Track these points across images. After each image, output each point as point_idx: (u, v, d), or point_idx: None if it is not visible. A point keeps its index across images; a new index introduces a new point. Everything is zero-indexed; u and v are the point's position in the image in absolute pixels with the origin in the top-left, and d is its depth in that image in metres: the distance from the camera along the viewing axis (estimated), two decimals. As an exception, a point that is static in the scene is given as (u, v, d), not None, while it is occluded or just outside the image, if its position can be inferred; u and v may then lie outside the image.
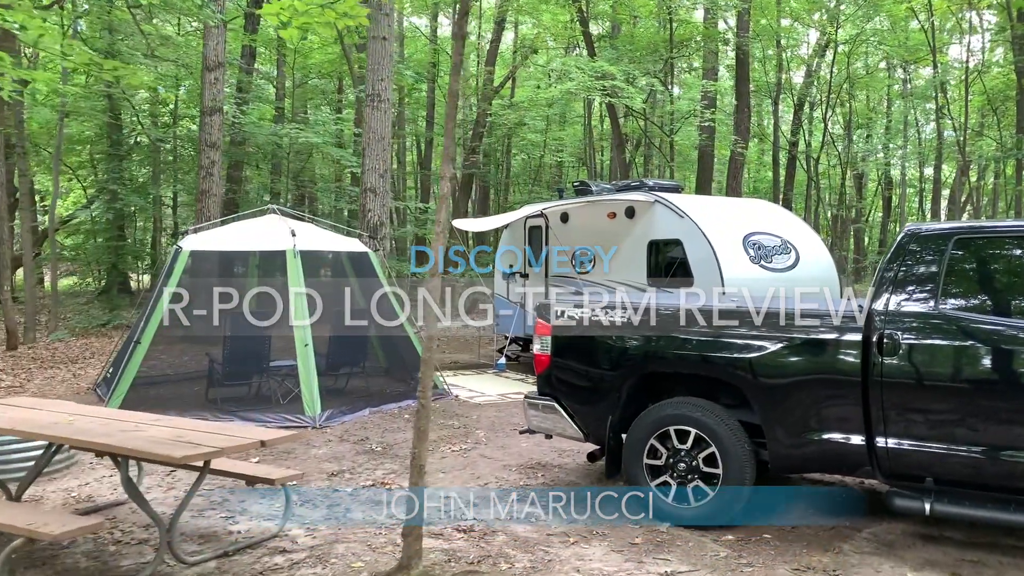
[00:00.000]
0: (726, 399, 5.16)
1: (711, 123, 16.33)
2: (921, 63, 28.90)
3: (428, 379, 3.85)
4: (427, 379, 3.85)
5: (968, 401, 4.34)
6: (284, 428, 7.87)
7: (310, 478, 6.12)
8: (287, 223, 9.00)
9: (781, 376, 4.73)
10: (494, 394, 9.94)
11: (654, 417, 5.08)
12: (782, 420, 4.75)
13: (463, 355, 13.99)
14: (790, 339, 4.73)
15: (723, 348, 4.89)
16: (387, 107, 12.64)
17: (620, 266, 10.43)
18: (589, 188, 11.14)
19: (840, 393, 4.60)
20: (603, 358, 5.30)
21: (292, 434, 4.26)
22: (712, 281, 9.00)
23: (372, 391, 9.68)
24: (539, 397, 5.60)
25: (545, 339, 5.53)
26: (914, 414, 4.44)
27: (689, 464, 4.97)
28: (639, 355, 5.15)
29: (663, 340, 5.08)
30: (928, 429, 4.40)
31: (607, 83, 13.27)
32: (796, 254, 9.66)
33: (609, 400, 5.27)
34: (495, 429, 7.92)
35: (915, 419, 4.44)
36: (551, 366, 5.51)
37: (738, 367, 4.83)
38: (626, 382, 5.23)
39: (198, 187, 14.92)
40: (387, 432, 7.78)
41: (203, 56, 14.91)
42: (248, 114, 19.56)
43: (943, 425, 4.37)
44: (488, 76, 20.95)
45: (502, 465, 6.53)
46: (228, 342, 8.80)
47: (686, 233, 9.39)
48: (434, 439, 7.41)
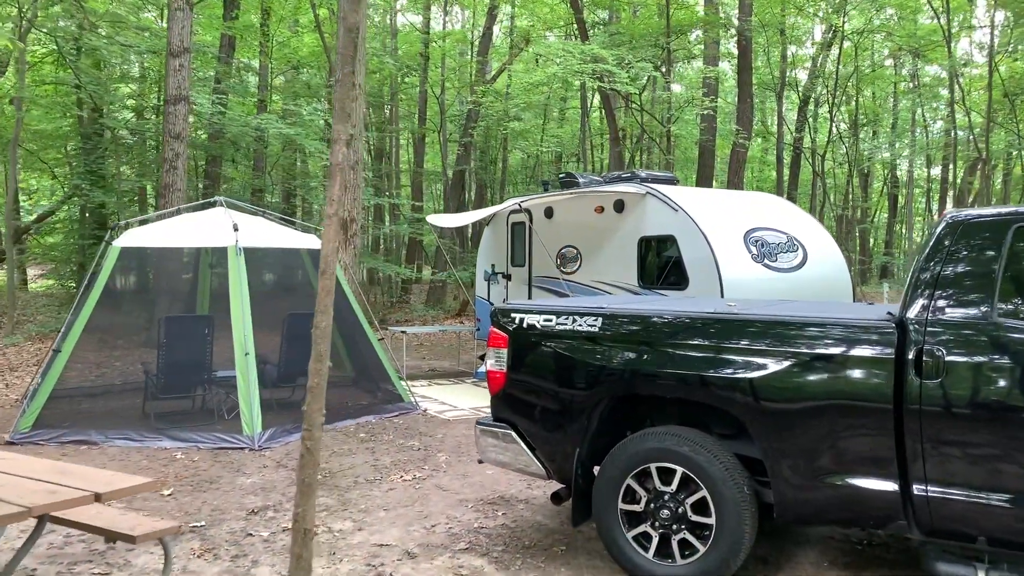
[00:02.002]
0: (720, 428, 4.16)
1: (711, 111, 15.28)
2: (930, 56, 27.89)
3: (316, 413, 2.85)
4: (314, 413, 2.85)
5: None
6: (218, 448, 6.91)
7: (224, 516, 5.12)
8: (232, 216, 8.01)
9: (789, 401, 3.72)
10: (467, 408, 8.93)
11: (632, 451, 4.07)
12: (790, 457, 3.74)
13: (443, 362, 12.99)
14: (801, 355, 3.72)
15: (718, 365, 3.88)
16: (358, 93, 11.63)
17: (608, 266, 9.42)
18: (576, 180, 10.14)
19: (866, 424, 3.59)
20: (570, 375, 4.29)
21: (139, 484, 3.26)
22: (709, 283, 7.99)
23: (331, 405, 8.65)
24: (493, 423, 4.59)
25: (500, 352, 4.52)
26: (963, 453, 3.43)
27: (674, 511, 3.96)
28: (613, 372, 4.14)
29: (643, 354, 4.07)
30: (981, 473, 3.39)
31: (597, 66, 12.21)
32: (804, 252, 8.64)
33: (576, 428, 4.26)
34: (460, 452, 6.91)
35: (964, 460, 3.43)
36: (507, 385, 4.51)
37: (736, 389, 3.82)
38: (598, 406, 4.22)
39: (161, 181, 13.93)
40: (334, 456, 6.78)
41: (167, 41, 13.92)
42: (229, 108, 18.60)
43: (1001, 469, 3.36)
44: (480, 67, 19.92)
45: (458, 500, 5.52)
46: (164, 350, 7.82)
47: (680, 229, 8.38)
48: (387, 464, 6.42)
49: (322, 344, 2.79)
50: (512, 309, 4.54)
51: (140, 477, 3.53)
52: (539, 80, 14.83)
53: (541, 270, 10.52)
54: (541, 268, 10.52)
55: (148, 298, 13.07)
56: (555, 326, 4.36)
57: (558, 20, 19.66)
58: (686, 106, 16.42)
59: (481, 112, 19.01)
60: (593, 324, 4.24)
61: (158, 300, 11.83)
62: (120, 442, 7.04)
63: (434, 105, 24.70)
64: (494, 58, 23.75)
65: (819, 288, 8.50)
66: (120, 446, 6.97)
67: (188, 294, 10.96)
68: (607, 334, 4.19)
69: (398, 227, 21.88)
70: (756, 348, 3.80)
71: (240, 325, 7.34)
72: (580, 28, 16.12)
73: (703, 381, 3.90)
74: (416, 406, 8.69)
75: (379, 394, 9.04)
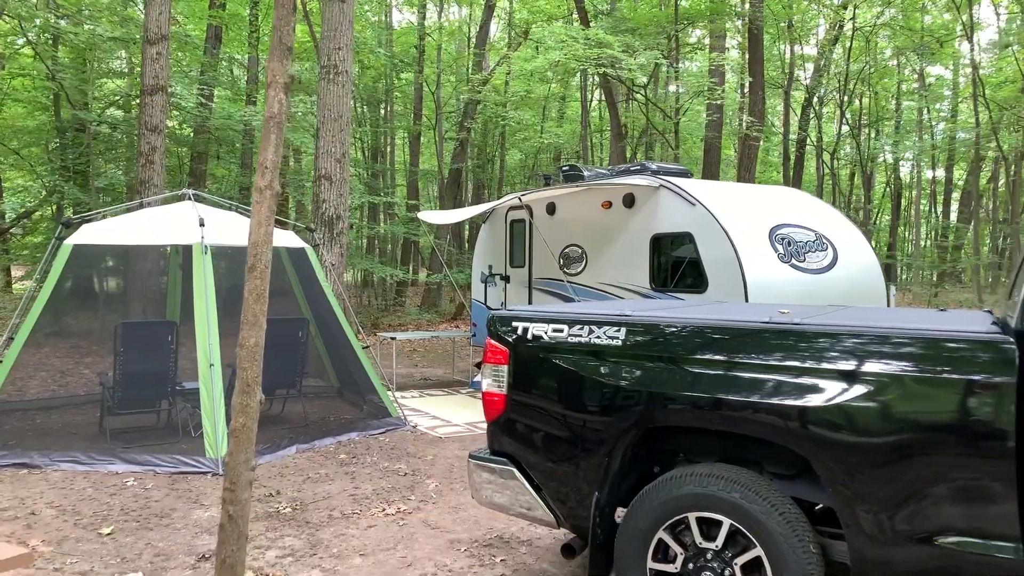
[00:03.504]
0: (774, 467, 3.33)
1: (720, 101, 14.44)
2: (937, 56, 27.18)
3: (242, 468, 2.02)
4: (239, 468, 2.01)
5: None
6: (177, 473, 6.06)
7: (168, 564, 4.27)
8: (199, 211, 7.16)
9: (874, 435, 2.89)
10: (461, 424, 8.08)
11: (666, 496, 3.23)
12: (874, 507, 2.90)
13: (436, 370, 12.14)
14: (889, 376, 2.88)
15: (777, 389, 3.04)
16: (345, 80, 10.80)
17: (616, 267, 8.58)
18: (580, 173, 9.29)
19: (975, 465, 2.76)
20: (587, 399, 3.45)
21: None
22: (731, 285, 7.16)
23: (311, 420, 7.84)
24: (490, 458, 3.74)
25: (499, 369, 3.68)
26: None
27: (720, 574, 3.12)
28: (642, 397, 3.30)
29: (680, 375, 3.23)
30: None
31: (604, 52, 11.36)
32: (833, 251, 7.82)
33: (595, 465, 3.43)
34: (452, 477, 6.07)
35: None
36: (508, 410, 3.67)
37: (802, 419, 2.98)
38: (622, 438, 3.38)
39: (136, 176, 13.07)
40: (308, 482, 5.92)
41: (144, 27, 13.08)
42: (216, 103, 17.78)
43: None
44: (477, 60, 19.08)
45: (448, 541, 4.67)
46: (121, 359, 6.96)
47: (699, 225, 7.55)
48: (368, 494, 5.57)
49: (249, 369, 1.96)
50: (513, 316, 3.70)
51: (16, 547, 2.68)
52: (541, 66, 13.97)
53: (542, 271, 9.69)
54: (542, 269, 9.68)
55: (111, 302, 12.27)
56: (567, 338, 3.51)
57: (557, 11, 18.82)
58: (696, 97, 15.55)
59: (480, 103, 18.15)
60: (615, 336, 3.40)
61: (125, 304, 11.00)
62: (66, 465, 6.19)
63: (430, 102, 23.88)
64: (492, 54, 22.90)
65: (851, 291, 7.68)
66: (65, 470, 6.11)
67: (158, 298, 10.13)
68: (633, 348, 3.35)
69: (392, 227, 21.02)
70: (829, 367, 2.97)
71: (205, 332, 6.50)
72: (582, 17, 15.29)
73: (757, 409, 3.07)
74: (404, 422, 7.84)
75: (364, 407, 8.22)
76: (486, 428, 3.76)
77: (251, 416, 2.06)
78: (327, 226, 10.60)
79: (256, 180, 2.07)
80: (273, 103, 2.09)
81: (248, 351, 2.06)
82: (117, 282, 14.69)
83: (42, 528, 4.83)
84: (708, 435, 3.42)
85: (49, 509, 5.20)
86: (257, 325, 2.04)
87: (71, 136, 16.82)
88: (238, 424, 2.09)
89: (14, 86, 17.69)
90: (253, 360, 2.06)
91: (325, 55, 10.77)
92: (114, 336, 6.94)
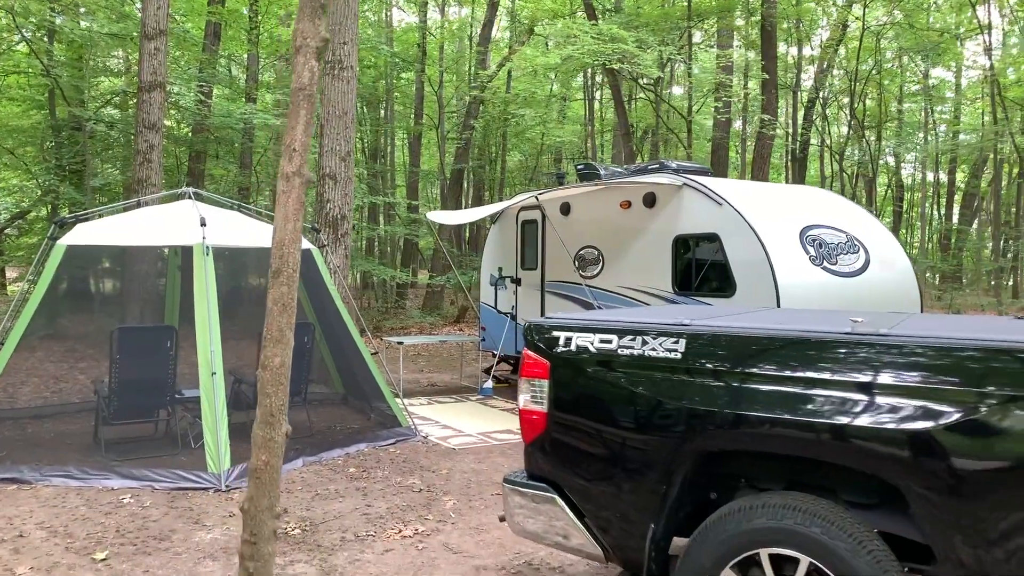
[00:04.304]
0: (852, 495, 2.96)
1: (730, 100, 14.07)
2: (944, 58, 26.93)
3: (265, 515, 1.64)
4: (262, 516, 1.64)
5: None
6: (177, 488, 5.68)
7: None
8: (200, 210, 6.79)
9: (984, 461, 2.52)
10: (474, 434, 7.71)
11: (734, 530, 2.85)
12: (983, 546, 2.53)
13: (443, 375, 11.76)
14: (1001, 396, 2.52)
15: (865, 410, 2.67)
16: (350, 75, 10.43)
17: (635, 269, 8.22)
18: (596, 171, 8.93)
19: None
20: (641, 419, 3.08)
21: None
22: (762, 289, 6.80)
23: (316, 429, 7.47)
24: (528, 482, 3.37)
25: (538, 384, 3.31)
26: None
27: (797, 619, 2.75)
28: (706, 418, 2.93)
29: (749, 393, 2.86)
30: None
31: (618, 47, 10.99)
32: (866, 254, 7.46)
33: (650, 493, 3.05)
34: (470, 494, 5.69)
35: None
36: (549, 430, 3.29)
37: (898, 445, 2.61)
38: (681, 464, 3.01)
39: (133, 175, 12.68)
40: (317, 499, 5.55)
41: (142, 22, 12.70)
42: (214, 102, 17.38)
43: None
44: (480, 59, 18.70)
45: (473, 568, 4.30)
46: (117, 367, 6.58)
47: (726, 226, 7.19)
48: (382, 512, 5.20)
49: (274, 396, 1.59)
50: (555, 325, 3.32)
51: None
52: (552, 63, 13.58)
53: (556, 274, 9.32)
54: (556, 272, 9.32)
55: (108, 304, 11.88)
56: (617, 349, 3.14)
57: (562, 8, 18.44)
58: (710, 94, 15.16)
59: (484, 100, 17.76)
60: (674, 347, 3.03)
61: (123, 307, 10.62)
62: (58, 480, 5.80)
63: (432, 101, 23.50)
64: (494, 54, 22.53)
65: (884, 295, 7.33)
66: (57, 486, 5.73)
67: (156, 301, 9.74)
68: (695, 361, 2.98)
69: (393, 228, 20.62)
70: (936, 386, 2.60)
71: (206, 338, 6.12)
72: (589, 13, 14.92)
73: (844, 433, 2.69)
74: (415, 432, 7.47)
75: (372, 416, 7.84)
76: (524, 450, 3.38)
77: (276, 452, 1.70)
78: (331, 227, 10.23)
79: (282, 166, 1.70)
80: (303, 72, 1.72)
81: (272, 373, 1.69)
82: (114, 284, 14.29)
83: (31, 553, 4.45)
84: (775, 458, 3.05)
85: (39, 530, 4.81)
86: (283, 342, 1.68)
87: (67, 135, 16.42)
88: (260, 462, 1.72)
89: (8, 83, 17.29)
90: (279, 383, 1.69)
91: (329, 50, 10.40)
92: (110, 342, 6.56)
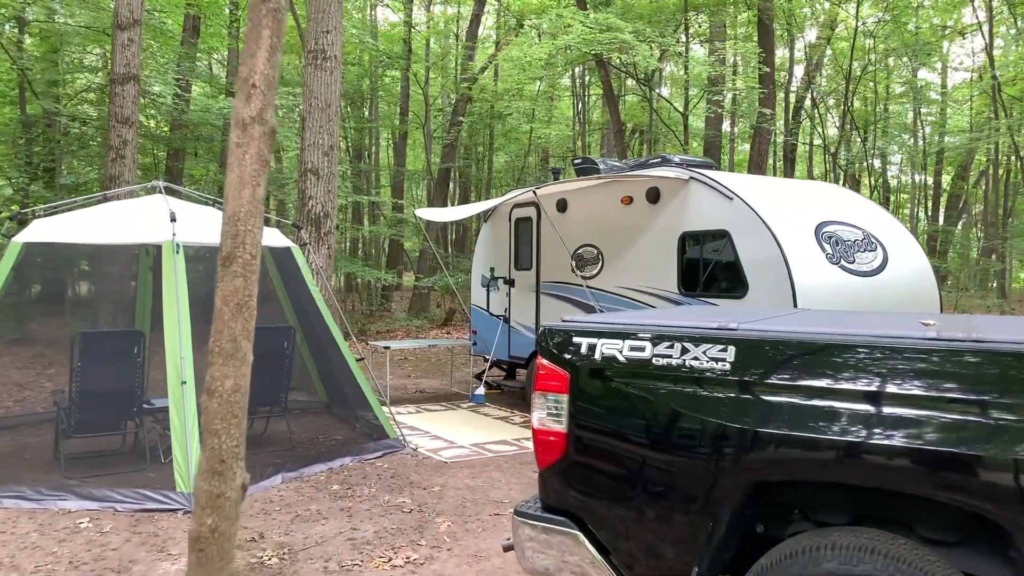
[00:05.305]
0: (932, 530, 2.49)
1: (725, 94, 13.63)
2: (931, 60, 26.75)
3: None
4: None
5: None
6: (141, 510, 5.15)
7: (123, 644, 3.37)
8: (170, 205, 6.25)
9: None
10: (467, 445, 7.20)
11: (798, 573, 2.37)
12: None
13: (432, 380, 11.25)
14: None
15: (961, 433, 2.20)
16: (334, 66, 9.89)
17: (638, 269, 7.75)
18: (595, 166, 8.46)
19: None
20: (683, 443, 2.59)
21: None
22: (776, 289, 6.34)
23: (297, 440, 6.95)
24: (543, 515, 2.87)
25: (556, 400, 2.82)
26: None
27: None
28: (762, 442, 2.45)
29: (815, 412, 2.38)
30: None
31: (614, 36, 10.51)
32: (883, 252, 7.03)
33: (692, 528, 2.57)
34: (466, 515, 5.19)
35: None
36: (569, 455, 2.80)
37: (1003, 474, 2.14)
38: (730, 495, 2.52)
39: (105, 172, 12.11)
40: (298, 521, 5.03)
41: (114, 11, 12.12)
42: (193, 98, 16.79)
43: None
44: (468, 55, 18.18)
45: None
46: (79, 375, 6.03)
47: (737, 222, 6.73)
48: (369, 537, 4.69)
49: (224, 434, 1.14)
50: (577, 330, 2.83)
51: None
52: (545, 54, 13.08)
53: (552, 274, 8.84)
54: (552, 272, 8.83)
55: (80, 307, 11.31)
56: (652, 358, 2.66)
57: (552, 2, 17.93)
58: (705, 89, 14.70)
59: (471, 100, 17.27)
60: (721, 355, 2.54)
61: (94, 311, 10.05)
62: (9, 502, 5.25)
63: (418, 99, 22.97)
64: (482, 53, 22.02)
65: (904, 296, 6.90)
66: (8, 508, 5.18)
67: (128, 304, 9.17)
68: (747, 373, 2.50)
69: (379, 229, 20.09)
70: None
71: (175, 344, 5.58)
72: (579, 4, 14.44)
73: (939, 460, 2.22)
74: (404, 444, 6.96)
75: (357, 426, 7.33)
76: (538, 476, 2.89)
77: (226, 514, 1.19)
78: (314, 225, 9.69)
79: (236, 109, 1.21)
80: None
81: (222, 401, 1.19)
82: (88, 287, 13.67)
83: (-31, 590, 3.91)
84: (838, 487, 2.58)
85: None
86: (237, 356, 1.17)
87: (38, 132, 15.78)
88: (204, 529, 1.18)
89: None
90: (231, 416, 1.21)
91: (312, 39, 9.87)
92: (71, 348, 6.01)
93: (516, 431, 7.83)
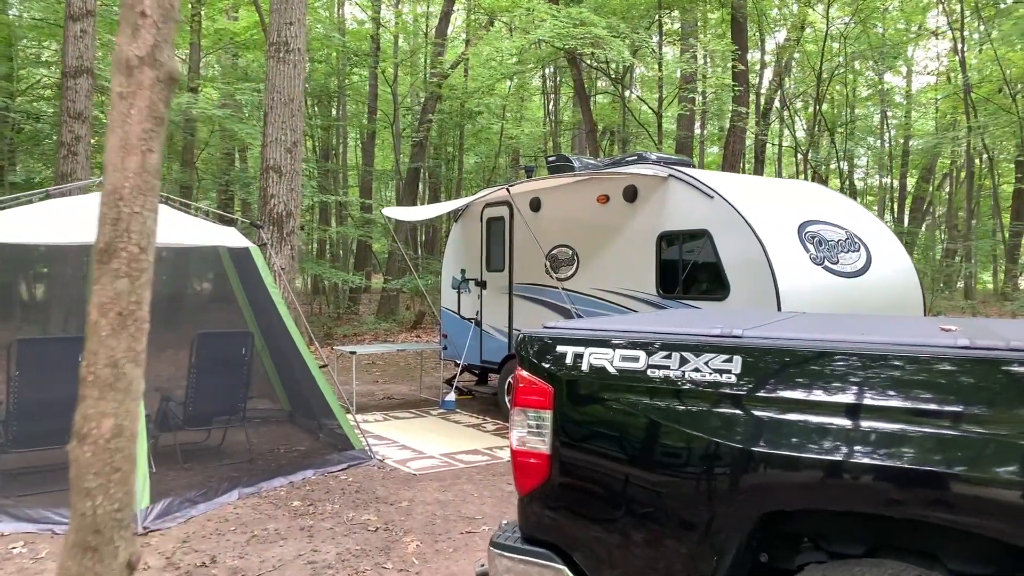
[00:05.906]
0: (960, 562, 2.22)
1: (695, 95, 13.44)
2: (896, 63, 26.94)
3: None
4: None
5: None
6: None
7: None
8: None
9: None
10: (436, 455, 6.86)
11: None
12: None
13: (400, 386, 10.88)
14: None
15: (999, 454, 1.93)
16: (298, 59, 9.50)
17: (614, 270, 7.47)
18: (570, 164, 8.17)
19: None
20: (682, 466, 2.29)
21: None
22: (759, 291, 6.09)
23: (256, 452, 6.56)
24: (523, 548, 2.55)
25: (537, 417, 2.50)
26: None
27: None
28: (774, 463, 2.15)
29: (837, 431, 2.09)
30: None
31: (588, 30, 10.23)
32: (867, 252, 6.82)
33: (693, 562, 2.27)
34: (436, 533, 4.85)
35: None
36: (553, 479, 2.48)
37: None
38: (738, 526, 2.22)
39: (56, 169, 11.59)
40: (254, 542, 4.65)
41: (67, 1, 11.61)
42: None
43: None
44: (437, 52, 17.82)
45: (445, 638, 3.47)
46: (17, 385, 5.59)
47: (717, 221, 6.47)
48: (331, 560, 4.33)
49: (102, 495, 0.81)
50: (560, 337, 2.52)
51: None
52: (517, 49, 12.75)
53: (525, 276, 8.53)
54: (525, 273, 8.53)
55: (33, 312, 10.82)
56: (647, 370, 2.35)
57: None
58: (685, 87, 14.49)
59: (440, 98, 16.92)
60: (724, 368, 2.24)
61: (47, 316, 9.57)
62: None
63: (386, 98, 22.55)
64: (451, 52, 21.65)
65: (887, 298, 6.70)
66: (-66, 532, 4.74)
67: (84, 308, 8.71)
68: (759, 387, 2.20)
69: (346, 230, 19.64)
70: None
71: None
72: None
73: (978, 486, 1.94)
74: (370, 454, 6.59)
75: (321, 435, 6.98)
76: (518, 502, 2.57)
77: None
78: (276, 225, 9.28)
79: (119, 46, 0.88)
80: None
81: (97, 448, 0.78)
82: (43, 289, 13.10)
83: None
84: (862, 515, 2.29)
85: None
86: (120, 387, 0.77)
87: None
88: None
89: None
90: (109, 469, 0.79)
91: (275, 31, 9.47)
92: (7, 356, 5.58)
93: (488, 439, 7.51)
